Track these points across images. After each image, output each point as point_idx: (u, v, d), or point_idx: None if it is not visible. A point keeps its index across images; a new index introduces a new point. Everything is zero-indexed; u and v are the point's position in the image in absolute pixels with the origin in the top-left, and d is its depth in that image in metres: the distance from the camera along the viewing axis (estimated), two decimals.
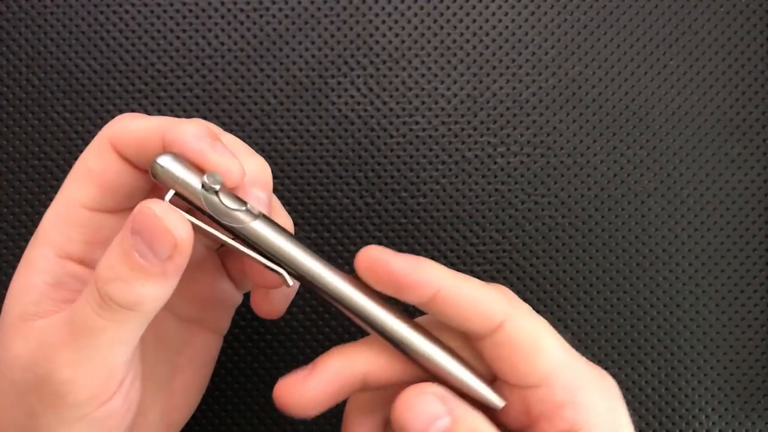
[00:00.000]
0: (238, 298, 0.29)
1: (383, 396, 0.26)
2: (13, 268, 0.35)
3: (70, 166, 0.35)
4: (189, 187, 0.22)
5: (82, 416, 0.22)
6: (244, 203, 0.23)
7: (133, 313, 0.22)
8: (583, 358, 0.24)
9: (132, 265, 0.21)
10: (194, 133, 0.23)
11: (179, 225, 0.21)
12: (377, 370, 0.25)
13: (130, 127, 0.24)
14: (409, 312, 0.25)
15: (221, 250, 0.29)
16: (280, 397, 0.24)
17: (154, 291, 0.22)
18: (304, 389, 0.24)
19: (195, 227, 0.22)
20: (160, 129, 0.23)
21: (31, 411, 0.22)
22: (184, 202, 0.23)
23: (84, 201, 0.24)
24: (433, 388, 0.23)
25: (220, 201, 0.22)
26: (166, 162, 0.22)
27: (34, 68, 0.36)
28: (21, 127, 0.36)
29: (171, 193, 0.22)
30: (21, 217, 0.35)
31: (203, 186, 0.22)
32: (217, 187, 0.22)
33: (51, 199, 0.35)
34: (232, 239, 0.23)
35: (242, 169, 0.23)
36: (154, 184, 0.24)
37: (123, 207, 0.25)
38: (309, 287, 0.24)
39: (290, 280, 0.24)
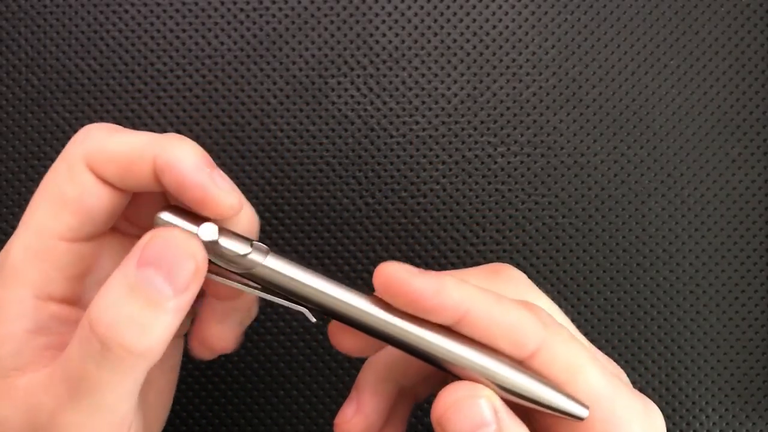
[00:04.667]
0: (199, 302, 0.27)
1: (402, 365, 0.25)
2: None
3: None
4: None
5: None
6: (248, 241, 0.22)
7: (141, 360, 0.19)
8: (626, 387, 0.22)
9: (144, 300, 0.19)
10: (193, 161, 0.21)
11: (198, 249, 0.20)
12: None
13: (110, 147, 0.21)
14: None
15: None
16: None
17: (167, 329, 0.20)
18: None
19: (207, 280, 0.21)
20: (151, 150, 0.21)
21: None
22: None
23: (61, 232, 0.21)
24: (486, 392, 0.21)
25: (224, 248, 0.21)
26: (168, 218, 0.21)
27: (33, 68, 0.36)
28: (21, 127, 0.36)
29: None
30: (22, 217, 0.35)
31: (203, 241, 0.21)
32: (215, 237, 0.21)
33: None
34: (246, 284, 0.22)
35: (241, 203, 0.21)
36: (131, 201, 0.23)
37: (102, 231, 0.22)
38: (333, 317, 0.22)
39: (312, 317, 0.22)
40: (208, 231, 0.21)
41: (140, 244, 0.20)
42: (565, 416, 0.21)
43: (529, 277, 0.35)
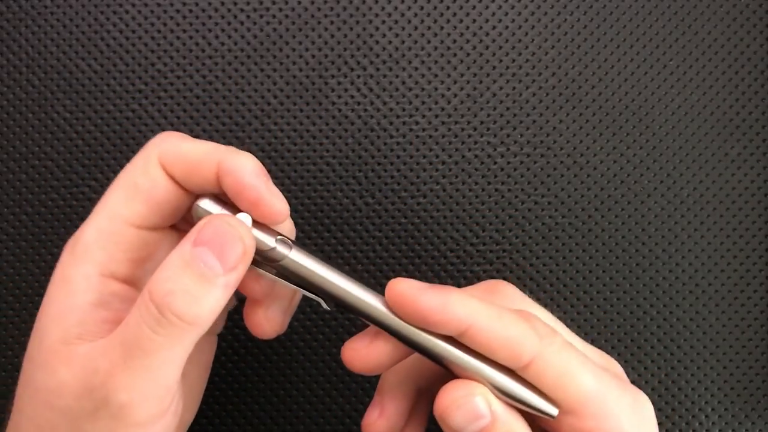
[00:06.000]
0: (234, 302, 0.30)
1: (417, 367, 0.27)
2: (14, 267, 0.35)
3: (71, 167, 0.35)
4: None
5: None
6: (275, 234, 0.24)
7: (190, 328, 0.22)
8: (617, 382, 0.25)
9: (197, 275, 0.22)
10: (252, 168, 0.24)
11: (247, 234, 0.23)
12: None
13: (182, 149, 0.24)
14: None
15: None
16: (347, 359, 0.26)
17: (216, 302, 0.22)
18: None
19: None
20: (216, 155, 0.24)
21: None
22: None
23: (131, 218, 0.24)
24: (481, 390, 0.24)
25: (259, 239, 0.24)
26: (206, 205, 0.24)
27: (34, 68, 0.36)
28: (21, 127, 0.36)
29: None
30: (21, 217, 0.35)
31: None
32: (249, 225, 0.23)
33: (51, 200, 0.35)
34: (272, 273, 0.24)
35: (288, 210, 0.24)
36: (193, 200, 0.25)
37: (165, 225, 0.25)
38: (346, 310, 0.25)
39: (326, 306, 0.25)
40: (243, 219, 0.24)
41: (197, 228, 0.23)
42: (540, 414, 0.24)
43: (529, 277, 0.35)
